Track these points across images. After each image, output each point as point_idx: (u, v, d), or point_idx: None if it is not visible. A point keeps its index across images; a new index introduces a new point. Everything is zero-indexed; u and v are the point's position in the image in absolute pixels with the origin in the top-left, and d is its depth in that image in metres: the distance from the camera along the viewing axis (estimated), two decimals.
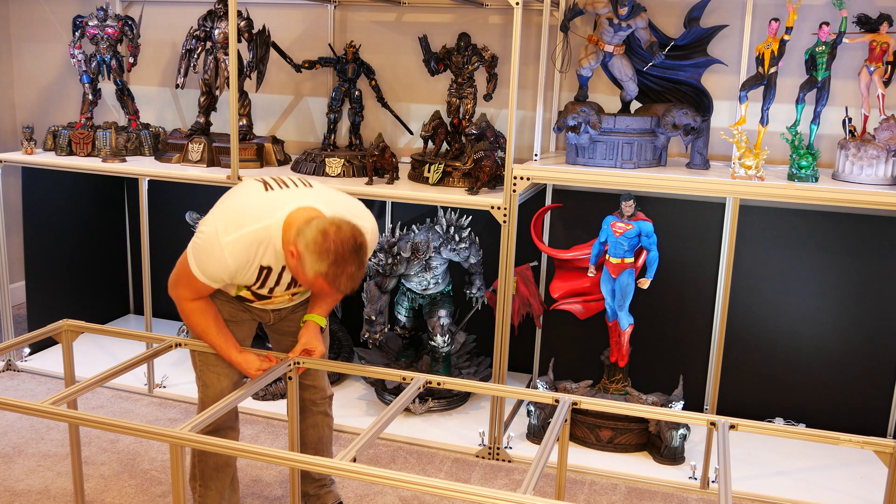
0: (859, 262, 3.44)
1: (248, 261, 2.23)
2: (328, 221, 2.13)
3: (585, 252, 3.39)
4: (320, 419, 2.70)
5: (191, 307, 2.37)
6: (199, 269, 2.27)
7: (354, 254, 2.12)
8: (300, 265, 2.14)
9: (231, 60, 3.46)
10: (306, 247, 2.10)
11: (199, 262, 2.26)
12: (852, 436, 2.13)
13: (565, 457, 2.26)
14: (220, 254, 2.21)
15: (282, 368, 2.40)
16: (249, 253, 2.21)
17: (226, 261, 2.21)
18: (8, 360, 3.98)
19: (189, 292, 2.34)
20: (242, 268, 2.24)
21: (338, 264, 2.09)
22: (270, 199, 2.27)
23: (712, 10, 3.38)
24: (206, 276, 2.27)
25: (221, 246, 2.20)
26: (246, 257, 2.22)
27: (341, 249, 2.09)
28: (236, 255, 2.21)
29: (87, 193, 4.31)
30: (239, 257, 2.21)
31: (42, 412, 2.14)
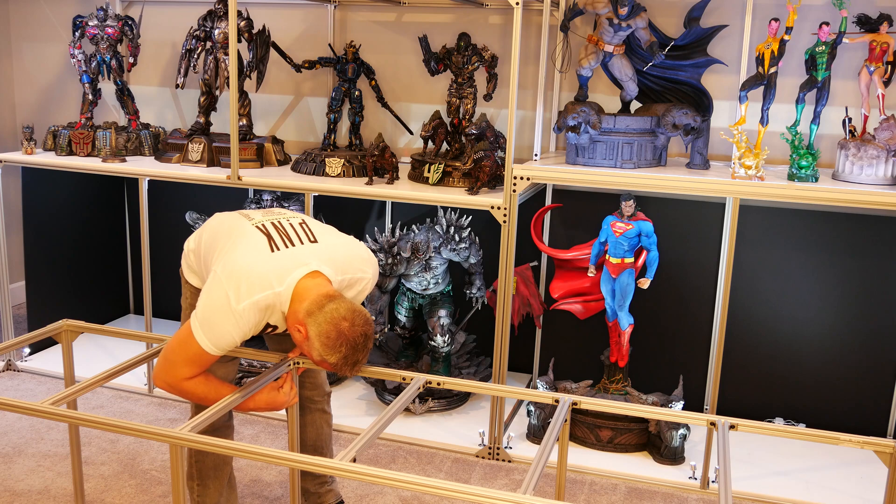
0: (859, 262, 3.44)
1: (260, 322, 2.23)
2: (342, 313, 2.13)
3: (585, 252, 3.39)
4: (319, 416, 2.70)
5: (192, 384, 2.26)
6: (212, 340, 2.18)
7: (364, 347, 2.17)
8: (307, 344, 2.17)
9: (231, 60, 3.46)
10: (318, 336, 2.13)
11: (212, 334, 2.18)
12: (852, 436, 2.13)
13: (565, 457, 2.26)
14: (237, 320, 2.17)
15: (282, 368, 2.40)
16: (260, 317, 2.21)
17: (242, 326, 2.18)
18: (8, 360, 3.99)
19: (191, 370, 2.24)
20: (253, 328, 2.22)
21: (346, 357, 2.15)
22: (277, 263, 2.24)
23: (712, 10, 3.38)
24: (217, 347, 2.20)
25: (237, 313, 2.16)
26: (256, 321, 2.21)
27: (353, 345, 2.14)
28: (250, 319, 2.19)
29: (87, 193, 4.31)
30: (254, 320, 2.20)
31: (42, 412, 2.14)
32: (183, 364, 2.23)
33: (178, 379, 2.25)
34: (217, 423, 2.45)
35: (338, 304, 2.16)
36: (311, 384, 2.65)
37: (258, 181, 3.53)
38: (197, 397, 2.30)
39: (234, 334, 2.19)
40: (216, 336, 2.18)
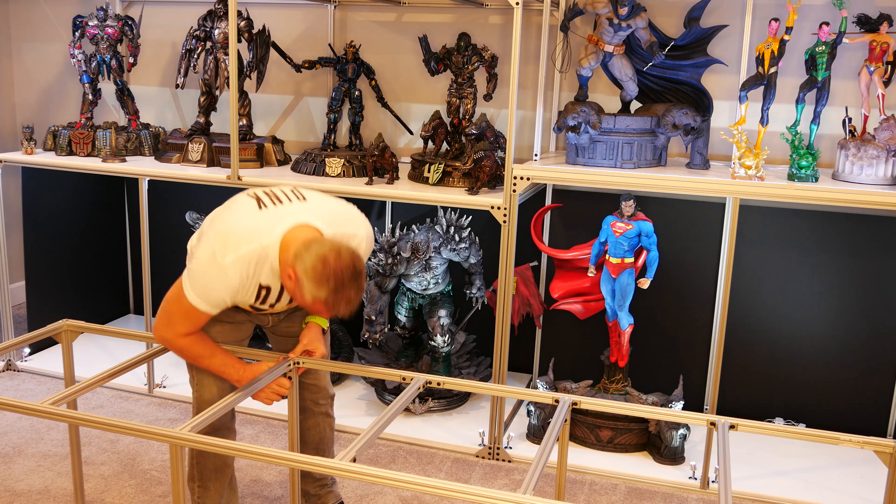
0: (859, 262, 3.44)
1: (249, 278, 2.21)
2: (328, 247, 2.12)
3: (585, 252, 3.39)
4: (322, 420, 2.70)
5: (186, 341, 2.30)
6: (200, 296, 2.21)
7: (353, 280, 2.12)
8: (298, 288, 2.14)
9: (231, 60, 3.46)
10: (305, 273, 2.10)
11: (200, 289, 2.21)
12: (852, 436, 2.13)
13: (565, 457, 2.26)
14: (222, 276, 2.18)
15: (282, 368, 2.40)
16: (249, 272, 2.20)
17: (228, 281, 2.19)
18: (8, 360, 3.98)
19: (185, 326, 2.27)
20: (244, 286, 2.22)
21: (337, 291, 2.10)
22: (265, 218, 2.25)
23: (712, 10, 3.38)
24: (207, 303, 2.23)
25: (222, 268, 2.18)
26: (246, 275, 2.20)
27: (341, 276, 2.10)
28: (238, 274, 2.19)
29: (87, 193, 4.31)
30: (241, 276, 2.20)
31: (42, 412, 2.14)
32: (178, 319, 2.26)
33: (175, 334, 2.28)
34: (217, 424, 2.45)
35: (324, 242, 2.15)
36: (316, 387, 2.65)
37: (258, 181, 3.53)
38: (192, 356, 2.32)
39: (222, 291, 2.19)
40: (205, 292, 2.20)
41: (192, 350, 2.32)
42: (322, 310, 2.17)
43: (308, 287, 2.11)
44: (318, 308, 2.17)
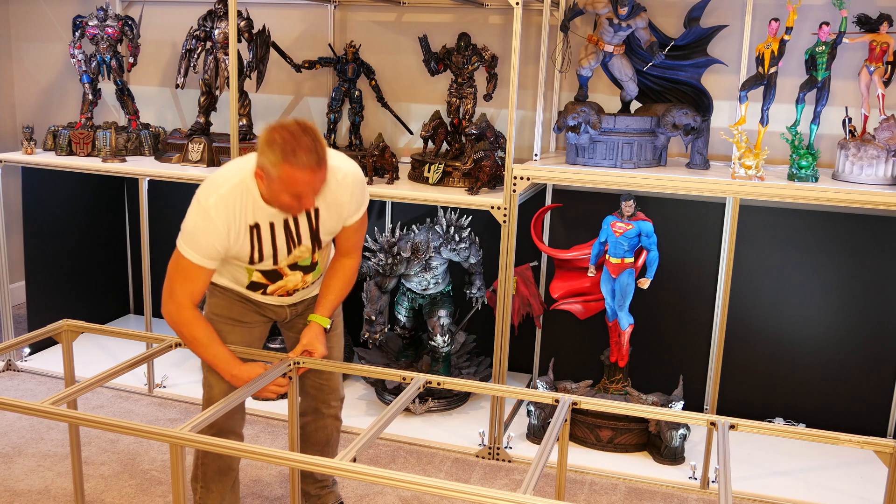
0: (859, 262, 3.44)
1: (235, 219, 2.21)
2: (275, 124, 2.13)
3: (585, 252, 3.39)
4: (331, 422, 2.70)
5: (187, 317, 2.28)
6: (192, 247, 2.21)
7: (303, 132, 2.10)
8: (265, 176, 2.13)
9: (231, 60, 3.46)
10: (261, 152, 2.11)
11: (190, 240, 2.22)
12: (852, 436, 2.13)
13: (565, 457, 2.26)
14: (208, 219, 2.19)
15: (281, 368, 2.40)
16: (234, 210, 2.20)
17: (215, 225, 2.19)
18: (8, 360, 3.99)
19: (184, 289, 2.25)
20: (232, 229, 2.21)
21: (290, 143, 2.08)
22: (241, 159, 2.31)
23: (712, 10, 3.38)
24: (199, 254, 2.21)
25: (206, 210, 2.19)
26: (231, 215, 2.20)
27: (289, 131, 2.09)
28: (221, 214, 2.19)
29: (87, 193, 4.31)
30: (226, 216, 2.19)
31: (42, 412, 2.14)
32: (178, 282, 2.25)
33: (177, 306, 2.26)
34: (226, 428, 2.45)
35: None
36: (328, 387, 2.64)
37: None
38: (190, 338, 2.30)
39: (211, 237, 2.19)
40: (195, 242, 2.21)
41: (191, 330, 2.29)
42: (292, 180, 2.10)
43: (267, 161, 2.10)
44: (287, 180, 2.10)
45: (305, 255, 2.40)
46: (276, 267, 2.37)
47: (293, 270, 2.41)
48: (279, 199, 2.17)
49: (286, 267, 2.39)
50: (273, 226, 2.28)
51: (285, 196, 2.15)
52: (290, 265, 2.40)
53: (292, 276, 2.42)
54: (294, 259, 2.39)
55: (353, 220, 2.43)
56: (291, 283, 2.44)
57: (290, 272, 2.41)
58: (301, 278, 2.45)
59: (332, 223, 2.39)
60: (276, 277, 2.40)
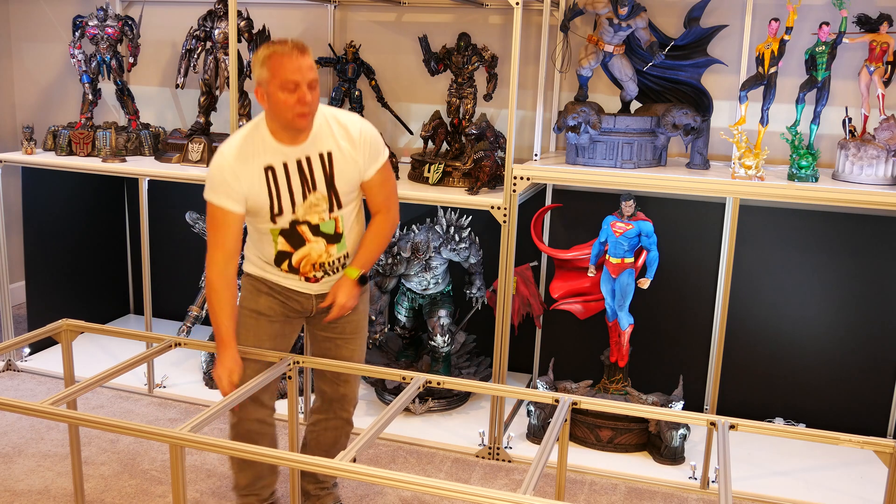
0: (859, 262, 3.44)
1: (249, 158, 2.32)
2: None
3: (585, 252, 3.39)
4: (342, 424, 2.70)
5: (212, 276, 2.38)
6: (213, 190, 2.34)
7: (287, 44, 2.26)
8: (262, 85, 2.27)
9: (231, 60, 3.46)
10: (252, 68, 2.31)
11: (211, 184, 2.34)
12: (852, 436, 2.13)
13: (565, 457, 2.26)
14: (223, 159, 2.33)
15: (281, 368, 2.40)
16: (248, 150, 2.33)
17: (230, 163, 2.32)
18: (8, 360, 3.98)
19: (215, 241, 2.37)
20: (247, 167, 2.31)
21: (271, 43, 2.28)
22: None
23: (712, 10, 3.38)
24: (221, 194, 2.32)
25: (222, 153, 2.34)
26: (246, 154, 2.32)
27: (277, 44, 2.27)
28: (235, 153, 2.33)
29: (87, 193, 4.31)
30: (240, 154, 2.32)
31: (42, 412, 2.14)
32: (210, 235, 2.40)
33: (209, 261, 2.38)
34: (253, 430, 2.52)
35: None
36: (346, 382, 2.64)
37: None
38: (209, 299, 2.40)
39: (226, 174, 2.31)
40: (214, 184, 2.34)
41: (209, 289, 2.39)
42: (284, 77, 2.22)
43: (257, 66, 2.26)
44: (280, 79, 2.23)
45: (322, 204, 2.41)
46: (295, 216, 2.39)
47: (316, 236, 2.42)
48: (279, 101, 2.25)
49: (308, 230, 2.41)
50: (286, 166, 2.35)
51: (283, 94, 2.24)
52: (313, 228, 2.41)
53: (315, 244, 2.43)
54: (312, 209, 2.40)
55: (372, 172, 2.46)
56: (315, 252, 2.44)
57: (312, 238, 2.42)
58: (325, 248, 2.45)
59: (349, 173, 2.42)
60: (299, 242, 2.42)
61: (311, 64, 2.27)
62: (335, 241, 2.46)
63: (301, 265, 2.45)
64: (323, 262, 2.46)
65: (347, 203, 2.46)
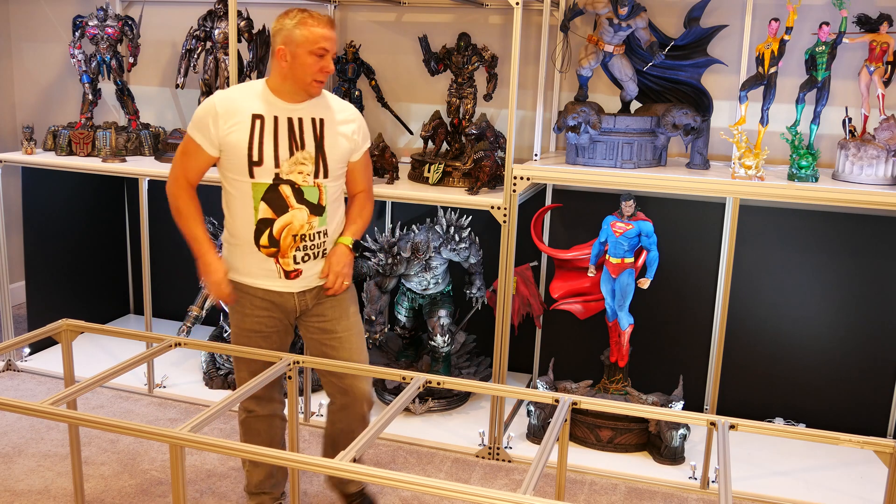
0: (859, 262, 3.44)
1: (235, 102, 2.41)
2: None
3: (585, 252, 3.39)
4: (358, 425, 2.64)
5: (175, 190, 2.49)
6: (194, 125, 2.43)
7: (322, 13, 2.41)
8: (287, 44, 2.36)
9: (231, 60, 3.46)
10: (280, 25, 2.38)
11: (194, 120, 2.44)
12: (852, 436, 2.13)
13: (565, 457, 2.26)
14: (211, 100, 2.43)
15: (281, 368, 2.40)
16: (236, 96, 2.43)
17: (212, 103, 2.41)
18: (8, 360, 3.98)
19: (179, 164, 2.48)
20: (230, 109, 2.39)
21: (304, 9, 2.39)
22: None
23: (712, 10, 3.38)
24: (195, 127, 2.42)
25: (213, 96, 2.46)
26: (232, 99, 2.42)
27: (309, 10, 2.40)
28: (220, 96, 2.44)
29: (87, 193, 4.31)
30: (225, 97, 2.43)
31: (42, 412, 2.14)
32: (176, 158, 2.50)
33: (172, 178, 2.50)
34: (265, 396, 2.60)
35: None
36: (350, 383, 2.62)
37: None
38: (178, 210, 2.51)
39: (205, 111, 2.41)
40: (195, 119, 2.43)
41: (177, 201, 2.50)
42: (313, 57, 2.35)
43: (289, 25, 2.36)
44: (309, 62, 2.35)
45: (308, 165, 2.45)
46: (279, 171, 2.42)
47: (300, 203, 2.45)
48: (305, 63, 2.36)
49: (291, 194, 2.43)
50: (277, 120, 2.42)
51: (309, 58, 2.35)
52: (296, 193, 2.44)
53: (298, 213, 2.45)
54: (297, 167, 2.43)
55: (361, 153, 2.59)
56: (297, 221, 2.45)
57: (296, 204, 2.44)
58: (307, 218, 2.46)
59: (341, 144, 2.51)
60: (281, 208, 2.44)
61: (336, 38, 2.43)
62: (317, 214, 2.49)
63: (282, 237, 2.46)
64: (304, 233, 2.47)
65: (334, 177, 2.51)
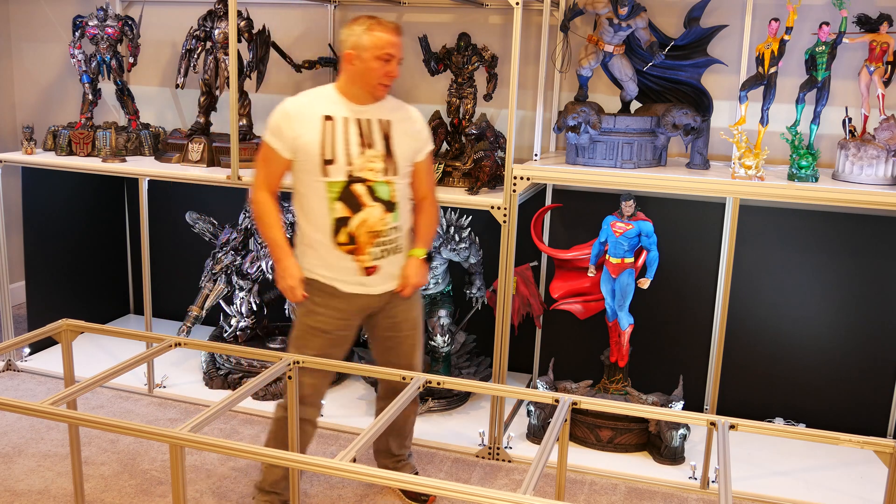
0: (859, 262, 3.44)
1: (306, 107, 2.54)
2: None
3: (585, 252, 3.39)
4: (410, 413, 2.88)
5: (259, 197, 2.60)
6: (268, 130, 2.57)
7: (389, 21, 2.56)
8: (355, 49, 2.50)
9: (231, 60, 3.46)
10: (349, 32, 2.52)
11: (268, 126, 2.57)
12: (852, 436, 2.13)
13: (565, 457, 2.26)
14: (283, 106, 2.57)
15: (281, 368, 2.40)
16: (306, 101, 2.57)
17: (285, 108, 2.56)
18: (8, 360, 3.98)
19: (260, 173, 2.61)
20: (302, 112, 2.53)
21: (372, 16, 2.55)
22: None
23: (712, 10, 3.38)
24: (271, 132, 2.55)
25: (285, 102, 2.59)
26: (303, 103, 2.56)
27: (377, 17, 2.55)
28: (293, 102, 2.57)
29: (87, 193, 4.31)
30: (297, 102, 2.57)
31: (42, 412, 2.14)
32: (257, 166, 2.65)
33: (254, 188, 2.63)
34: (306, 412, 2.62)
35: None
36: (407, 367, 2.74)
37: None
38: (260, 217, 2.63)
39: (279, 116, 2.55)
40: (269, 125, 2.57)
41: (259, 208, 2.62)
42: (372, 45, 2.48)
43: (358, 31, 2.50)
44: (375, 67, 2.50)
45: (378, 162, 2.55)
46: (351, 168, 2.51)
47: (374, 201, 2.53)
48: (369, 67, 2.51)
49: (365, 192, 2.53)
50: (346, 120, 2.55)
51: (375, 62, 2.50)
52: (370, 190, 2.53)
53: (373, 209, 2.53)
54: (368, 164, 2.52)
55: (423, 155, 2.70)
56: (372, 217, 2.54)
57: (370, 202, 2.53)
58: (381, 215, 2.55)
59: (407, 143, 2.63)
60: (356, 206, 2.52)
61: (402, 44, 2.57)
62: (391, 210, 2.58)
63: (359, 234, 2.54)
64: (379, 230, 2.56)
65: (403, 174, 2.62)
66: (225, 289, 3.89)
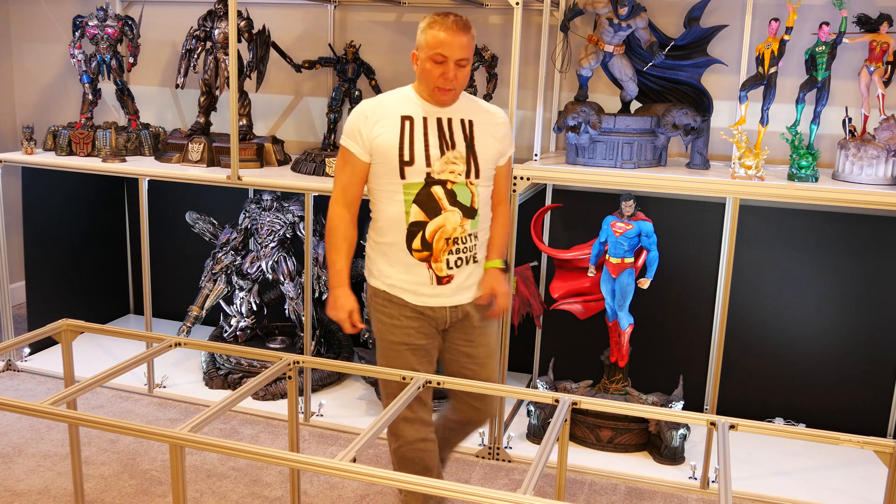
0: (859, 262, 3.44)
1: (384, 107, 2.42)
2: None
3: (585, 252, 3.39)
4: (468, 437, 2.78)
5: (334, 212, 2.48)
6: (345, 134, 2.45)
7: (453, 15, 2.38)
8: (417, 49, 2.39)
9: (231, 60, 3.46)
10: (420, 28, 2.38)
11: (345, 130, 2.45)
12: (852, 436, 2.13)
13: (565, 457, 2.26)
14: (360, 108, 2.46)
15: (281, 368, 2.40)
16: (384, 102, 2.45)
17: (362, 110, 2.44)
18: (8, 360, 3.99)
19: (339, 181, 2.48)
20: (380, 111, 2.41)
21: (440, 12, 2.38)
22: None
23: (712, 10, 3.38)
24: (347, 136, 2.43)
25: (362, 103, 2.48)
26: (380, 105, 2.44)
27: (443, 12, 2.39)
28: (369, 103, 2.45)
29: (87, 193, 4.31)
30: (374, 104, 2.45)
31: (42, 412, 2.14)
32: (337, 171, 2.52)
33: (332, 199, 2.51)
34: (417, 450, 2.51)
35: None
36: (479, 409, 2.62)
37: (258, 181, 3.53)
38: (328, 235, 2.51)
39: (356, 118, 2.43)
40: (346, 128, 2.45)
41: (331, 224, 2.50)
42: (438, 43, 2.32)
43: (419, 31, 2.37)
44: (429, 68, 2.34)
45: (459, 164, 2.41)
46: (430, 170, 2.39)
47: (452, 206, 2.40)
48: (426, 69, 2.36)
49: (444, 195, 2.39)
50: (426, 121, 2.41)
51: (430, 64, 2.35)
52: (449, 194, 2.40)
53: (451, 215, 2.40)
54: (448, 166, 2.40)
55: (505, 159, 2.56)
56: (450, 223, 2.40)
57: (448, 206, 2.40)
58: (460, 221, 2.41)
59: (490, 145, 2.48)
60: (434, 211, 2.39)
61: (467, 43, 2.36)
62: (470, 217, 2.44)
63: (435, 240, 2.41)
64: (457, 236, 2.42)
65: (485, 178, 2.47)
66: (225, 289, 3.89)
